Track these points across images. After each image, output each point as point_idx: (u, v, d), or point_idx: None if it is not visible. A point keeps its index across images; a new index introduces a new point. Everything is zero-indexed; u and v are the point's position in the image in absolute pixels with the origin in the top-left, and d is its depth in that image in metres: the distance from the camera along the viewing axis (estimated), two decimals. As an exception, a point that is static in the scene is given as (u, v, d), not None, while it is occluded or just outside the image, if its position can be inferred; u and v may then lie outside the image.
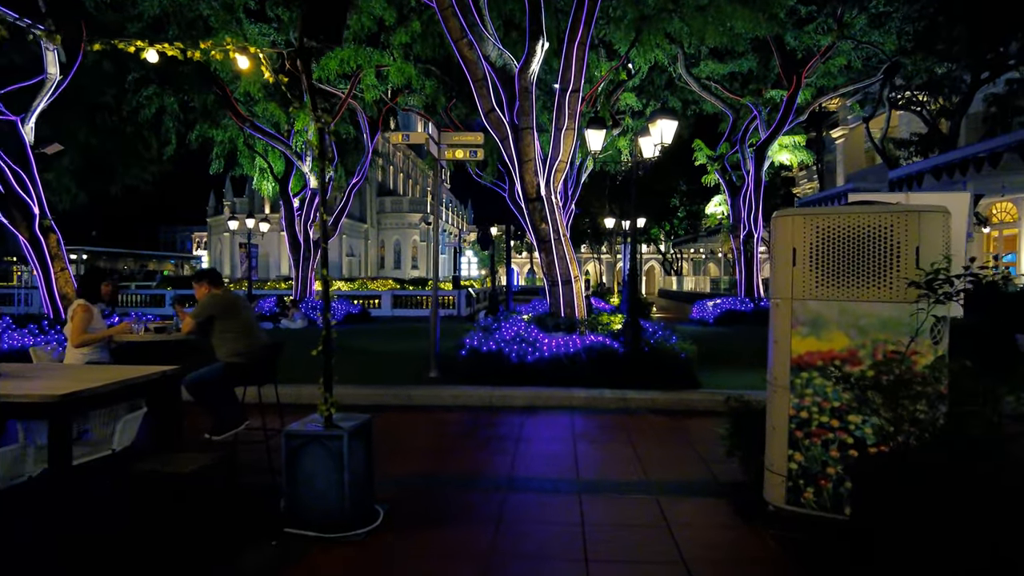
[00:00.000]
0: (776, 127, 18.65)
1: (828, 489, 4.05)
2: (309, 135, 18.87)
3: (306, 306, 19.76)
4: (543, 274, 10.04)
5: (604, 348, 8.60)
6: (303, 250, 20.60)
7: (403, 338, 15.26)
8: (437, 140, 9.05)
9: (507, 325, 9.53)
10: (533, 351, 8.69)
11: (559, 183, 9.76)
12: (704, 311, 19.63)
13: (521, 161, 9.47)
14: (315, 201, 20.53)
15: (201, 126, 21.23)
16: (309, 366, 10.63)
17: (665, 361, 8.56)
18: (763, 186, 19.68)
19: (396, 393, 8.47)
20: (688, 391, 8.43)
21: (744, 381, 9.28)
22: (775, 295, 4.39)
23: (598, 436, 6.91)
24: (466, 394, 8.35)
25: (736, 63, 20.55)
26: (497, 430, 7.08)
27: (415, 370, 9.83)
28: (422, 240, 59.95)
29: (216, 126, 21.14)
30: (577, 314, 9.76)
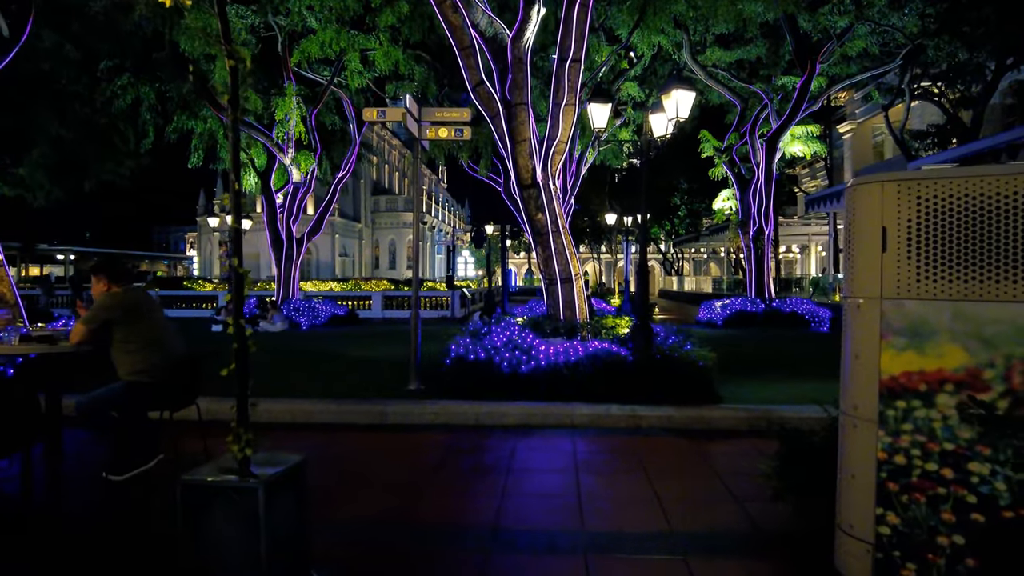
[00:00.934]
0: (788, 116, 17.49)
1: (939, 567, 2.87)
2: (291, 124, 17.69)
3: (288, 308, 18.56)
4: (539, 272, 8.87)
5: (610, 356, 7.42)
6: (286, 248, 19.39)
7: (388, 342, 14.06)
8: (417, 116, 7.87)
9: (498, 330, 8.34)
10: (528, 360, 7.51)
11: (557, 168, 8.59)
12: (712, 312, 18.46)
13: (514, 142, 8.29)
14: (298, 196, 19.35)
15: (179, 117, 20.02)
16: (276, 376, 9.25)
17: (681, 371, 7.38)
18: (774, 179, 18.51)
19: (367, 409, 7.27)
20: (708, 407, 7.25)
21: (770, 394, 8.12)
22: (854, 292, 3.21)
23: (605, 465, 5.72)
24: (449, 410, 7.15)
25: (744, 50, 19.40)
26: (483, 457, 5.89)
27: (394, 380, 8.64)
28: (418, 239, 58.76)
29: (195, 117, 19.93)
30: (578, 316, 8.59)
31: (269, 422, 7.25)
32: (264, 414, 7.35)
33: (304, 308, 18.63)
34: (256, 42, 17.78)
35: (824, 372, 10.69)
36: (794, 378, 9.38)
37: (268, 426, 7.09)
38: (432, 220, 62.60)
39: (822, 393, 8.59)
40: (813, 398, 8.17)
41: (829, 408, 4.13)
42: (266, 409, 7.39)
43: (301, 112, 17.70)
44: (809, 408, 7.24)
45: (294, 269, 19.65)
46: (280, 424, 7.17)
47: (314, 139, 18.34)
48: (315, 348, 13.11)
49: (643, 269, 7.64)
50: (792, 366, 10.77)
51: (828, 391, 8.72)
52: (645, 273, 7.62)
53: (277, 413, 7.35)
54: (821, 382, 9.16)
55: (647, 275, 7.75)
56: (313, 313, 18.67)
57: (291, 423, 7.23)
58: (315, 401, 7.51)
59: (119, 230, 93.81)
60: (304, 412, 7.34)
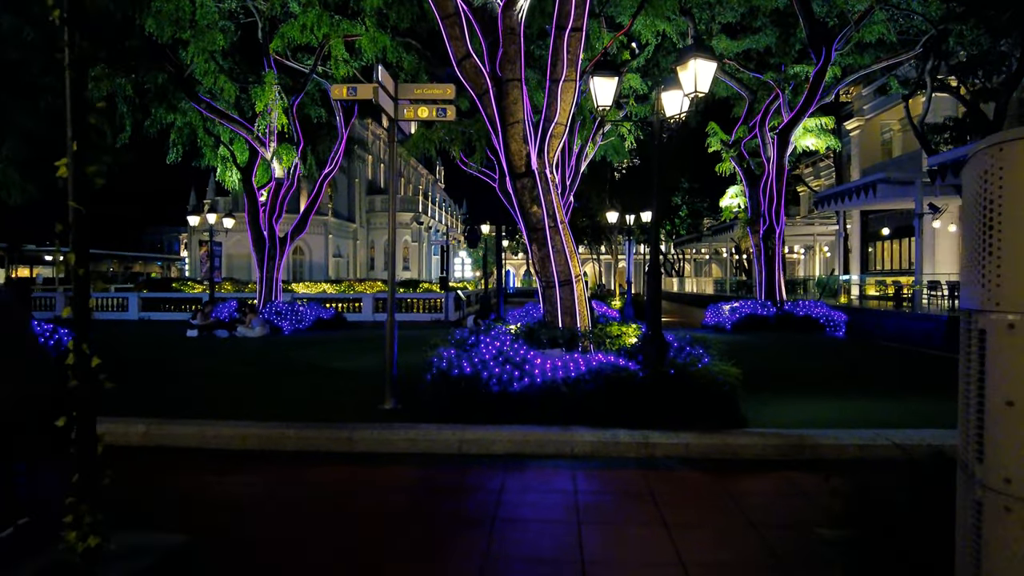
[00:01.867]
0: (802, 107, 16.43)
1: None
2: (273, 116, 16.60)
3: (269, 311, 17.46)
4: (535, 273, 7.80)
5: (617, 372, 6.34)
6: (268, 248, 18.29)
7: (372, 349, 12.94)
8: (393, 94, 6.80)
9: (488, 340, 7.24)
10: (521, 376, 6.43)
11: (555, 154, 7.52)
12: (719, 316, 17.38)
13: (506, 124, 7.23)
14: (280, 192, 18.24)
15: (157, 110, 18.89)
16: (238, 390, 8.02)
17: (699, 389, 6.30)
18: (786, 174, 17.45)
19: (331, 435, 6.18)
20: (732, 432, 6.16)
21: (799, 414, 7.04)
22: (1003, 303, 2.12)
23: (614, 511, 4.65)
24: (427, 437, 6.07)
25: (752, 39, 18.35)
26: (464, 500, 4.81)
27: (370, 396, 7.55)
28: (414, 240, 57.71)
29: (173, 110, 18.80)
30: (579, 324, 7.52)
31: (217, 449, 6.18)
32: (212, 440, 6.28)
33: (287, 312, 17.53)
34: (235, 28, 16.71)
35: (854, 386, 9.40)
36: (823, 394, 8.31)
37: (215, 454, 6.02)
38: (428, 220, 61.49)
39: (858, 413, 7.36)
40: (851, 420, 6.91)
41: (893, 437, 3.05)
42: (214, 434, 6.32)
43: (283, 103, 16.61)
44: (850, 434, 6.16)
45: (277, 270, 18.55)
46: (228, 452, 6.09)
47: (296, 131, 17.24)
48: (291, 357, 12.03)
49: (655, 269, 6.57)
50: (818, 379, 9.69)
51: (865, 411, 7.65)
52: (657, 274, 6.55)
53: (226, 439, 6.27)
54: (854, 399, 8.06)
55: (659, 276, 6.68)
56: (296, 317, 17.58)
57: (242, 450, 6.15)
58: (271, 425, 6.42)
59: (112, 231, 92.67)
60: (258, 438, 6.25)
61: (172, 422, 6.53)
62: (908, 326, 15.77)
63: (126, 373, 10.14)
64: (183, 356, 12.43)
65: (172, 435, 6.38)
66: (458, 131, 16.40)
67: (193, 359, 11.96)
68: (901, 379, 9.94)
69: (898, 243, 30.26)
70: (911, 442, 5.94)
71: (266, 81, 15.40)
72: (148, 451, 6.16)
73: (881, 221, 30.54)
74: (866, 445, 5.91)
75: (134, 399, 7.78)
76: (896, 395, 8.35)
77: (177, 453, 6.10)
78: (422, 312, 24.96)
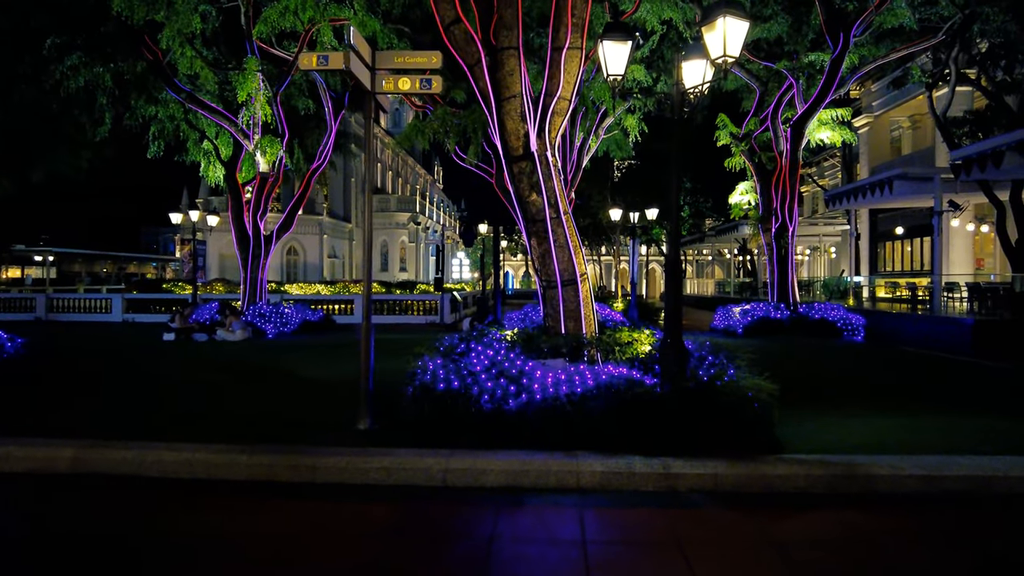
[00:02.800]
0: (817, 97, 15.47)
1: None
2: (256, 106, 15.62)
3: (253, 313, 16.47)
4: (534, 272, 6.82)
5: (631, 387, 5.37)
6: (252, 246, 17.30)
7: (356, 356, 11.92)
8: (369, 62, 5.83)
9: (480, 349, 6.25)
10: (518, 391, 5.45)
11: (557, 134, 6.53)
12: (730, 319, 16.40)
13: (501, 99, 6.26)
14: (265, 188, 17.26)
15: (137, 102, 17.90)
16: (200, 403, 6.83)
17: (727, 408, 5.33)
18: (800, 168, 16.50)
19: (292, 463, 5.20)
20: (767, 459, 5.19)
21: (839, 434, 6.07)
22: None
23: (633, 568, 3.67)
24: (405, 466, 5.09)
25: (764, 27, 17.39)
26: (444, 554, 3.83)
27: (343, 413, 6.56)
28: (411, 241, 56.75)
29: (154, 101, 17.82)
30: (584, 330, 6.54)
31: (157, 478, 5.21)
32: (152, 467, 5.31)
33: (271, 314, 16.54)
34: (216, 14, 15.74)
35: (893, 398, 8.12)
36: (860, 408, 7.33)
37: (153, 485, 5.05)
38: (426, 220, 60.48)
39: (907, 432, 6.15)
40: (900, 441, 5.82)
41: (964, 466, 2.06)
42: (155, 459, 5.34)
43: (267, 93, 15.63)
44: (911, 462, 5.16)
45: (262, 270, 17.56)
46: (169, 482, 5.12)
47: (280, 122, 16.25)
48: (268, 364, 11.04)
49: (675, 267, 5.57)
50: (850, 390, 8.70)
51: (914, 429, 6.14)
52: (678, 272, 5.57)
53: (168, 465, 5.29)
54: (897, 414, 7.03)
55: (680, 275, 5.71)
56: (281, 320, 16.58)
57: (187, 479, 5.19)
58: (221, 449, 5.44)
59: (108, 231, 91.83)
60: (205, 464, 5.27)
61: (107, 445, 5.55)
62: (931, 330, 14.80)
63: (81, 382, 9.17)
64: (151, 362, 11.44)
65: (106, 461, 5.40)
66: (453, 122, 15.44)
67: (162, 366, 10.97)
68: (942, 390, 8.94)
69: (909, 243, 29.33)
70: (988, 472, 4.98)
71: (247, 68, 14.41)
72: (73, 482, 5.18)
73: (892, 220, 29.60)
74: (931, 476, 4.94)
75: (78, 415, 6.83)
76: (945, 410, 7.36)
77: (107, 484, 5.13)
78: (416, 314, 24.00)
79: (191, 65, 14.08)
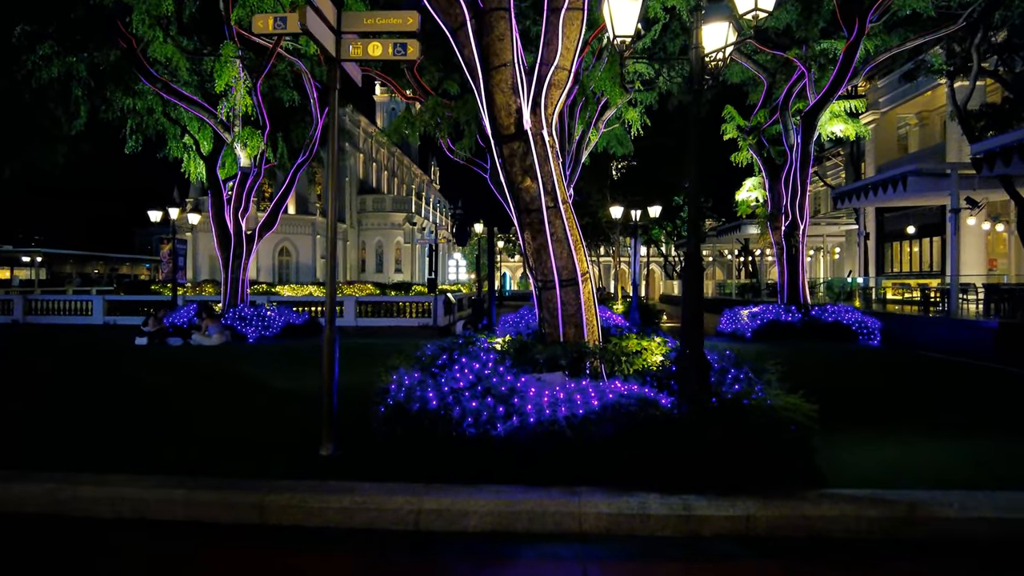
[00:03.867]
0: (831, 87, 14.61)
1: None
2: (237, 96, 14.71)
3: (233, 316, 15.55)
4: (528, 270, 5.92)
5: (643, 408, 4.48)
6: (233, 245, 16.38)
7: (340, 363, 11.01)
8: (334, 23, 4.95)
9: (464, 360, 5.34)
10: (507, 413, 4.56)
11: (555, 111, 5.64)
12: (737, 323, 15.51)
13: (489, 69, 5.37)
14: (247, 184, 16.34)
15: (113, 93, 16.97)
16: (146, 419, 5.69)
17: (758, 433, 4.44)
18: (811, 163, 15.63)
19: (237, 501, 4.30)
20: (807, 495, 4.30)
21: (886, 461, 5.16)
22: None
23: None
24: (369, 505, 4.19)
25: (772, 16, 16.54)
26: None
27: (308, 435, 5.65)
28: (406, 242, 55.80)
29: (131, 93, 16.88)
30: (586, 337, 5.65)
31: (79, 518, 4.31)
32: (68, 504, 4.41)
33: (252, 317, 15.61)
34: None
35: (933, 413, 7.08)
36: (900, 426, 6.42)
37: (68, 527, 4.14)
38: (422, 221, 59.51)
39: (961, 457, 5.18)
40: (957, 469, 4.87)
41: None
42: (71, 496, 4.44)
43: (248, 83, 14.72)
44: (981, 499, 4.25)
45: (243, 270, 16.65)
46: (87, 524, 4.22)
47: (261, 113, 15.32)
48: (240, 373, 10.12)
49: (695, 263, 4.66)
50: (883, 403, 7.78)
51: (970, 453, 4.99)
52: (699, 270, 4.67)
53: (87, 504, 4.40)
54: (946, 434, 5.99)
55: (700, 273, 4.81)
56: (263, 323, 15.66)
57: (110, 520, 4.29)
58: (156, 484, 4.54)
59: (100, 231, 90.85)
60: (132, 503, 4.38)
61: (14, 478, 4.64)
62: (951, 334, 13.94)
63: (19, 392, 8.23)
64: (111, 370, 10.51)
65: (11, 498, 4.49)
66: (444, 114, 14.56)
67: (123, 374, 10.05)
68: (985, 403, 8.04)
69: (918, 243, 28.47)
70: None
71: (223, 54, 13.50)
72: None
73: (899, 220, 28.76)
74: (1011, 519, 4.06)
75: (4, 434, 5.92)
76: (997, 429, 6.46)
77: (10, 526, 4.22)
78: (409, 316, 23.09)
79: (162, 50, 13.15)
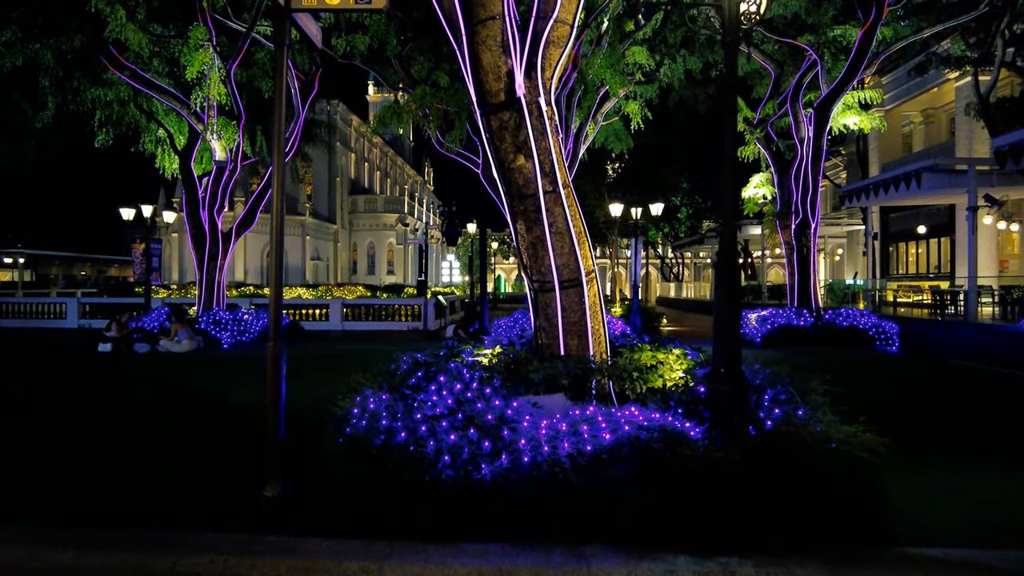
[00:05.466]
0: (845, 75, 13.71)
1: None
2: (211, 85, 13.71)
3: (208, 320, 14.50)
4: (522, 269, 4.93)
5: (670, 443, 3.50)
6: (209, 245, 15.35)
7: (316, 373, 10.00)
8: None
9: (443, 380, 4.32)
10: (495, 449, 3.58)
11: (555, 75, 4.64)
12: (744, 327, 14.55)
13: (473, 22, 4.38)
14: (222, 179, 15.33)
15: (80, 82, 15.92)
16: (84, 444, 4.01)
17: (813, 474, 3.47)
18: (823, 157, 14.72)
19: (143, 565, 3.31)
20: (883, 556, 3.33)
21: (965, 503, 4.16)
22: None
23: None
24: (313, 572, 3.20)
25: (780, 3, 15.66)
26: None
27: (251, 468, 4.63)
28: (399, 243, 54.76)
29: (101, 83, 15.84)
30: (592, 350, 4.67)
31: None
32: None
33: (228, 321, 14.58)
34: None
35: (996, 438, 6.02)
36: (961, 454, 5.44)
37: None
38: (415, 222, 58.45)
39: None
40: None
41: None
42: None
43: (222, 71, 13.70)
44: None
45: (220, 271, 15.61)
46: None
47: (236, 103, 14.30)
48: (201, 384, 9.09)
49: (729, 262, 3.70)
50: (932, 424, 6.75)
51: None
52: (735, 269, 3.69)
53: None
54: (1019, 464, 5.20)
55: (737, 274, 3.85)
56: (239, 327, 14.63)
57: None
58: (41, 540, 3.53)
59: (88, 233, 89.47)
60: (11, 567, 3.37)
61: None
62: (975, 339, 13.02)
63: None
64: (60, 381, 9.47)
65: None
66: (434, 105, 13.61)
67: (73, 385, 9.01)
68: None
69: (924, 244, 27.62)
70: None
71: (192, 37, 12.50)
72: None
73: (906, 219, 27.92)
74: None
75: None
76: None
77: None
78: (398, 320, 22.04)
79: (125, 31, 12.13)
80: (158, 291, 32.31)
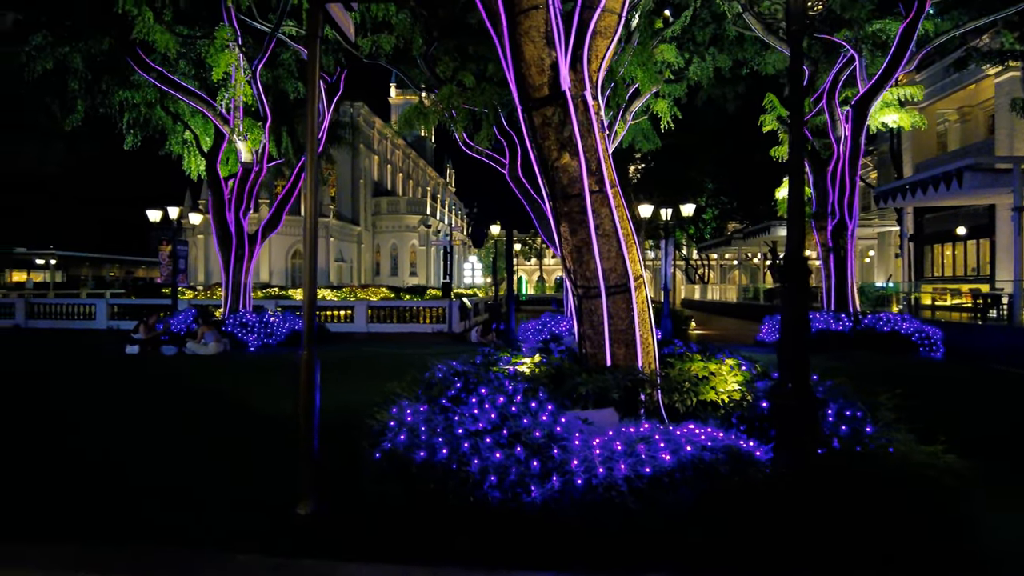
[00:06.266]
0: (885, 71, 13.25)
1: None
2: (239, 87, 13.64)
3: (234, 322, 14.44)
4: (566, 273, 4.66)
5: (736, 464, 3.21)
6: (235, 246, 15.30)
7: (346, 378, 9.81)
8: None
9: (485, 392, 4.06)
10: (544, 469, 3.32)
11: (602, 67, 4.36)
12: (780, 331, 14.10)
13: (515, 12, 4.14)
14: (248, 181, 15.27)
15: (108, 84, 15.98)
16: (104, 454, 3.59)
17: (890, 496, 3.16)
18: (861, 156, 14.25)
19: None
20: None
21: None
22: None
23: None
24: (352, 607, 2.97)
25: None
26: None
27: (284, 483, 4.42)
28: (421, 244, 54.80)
29: (128, 85, 15.89)
30: (640, 360, 4.40)
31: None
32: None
33: (255, 324, 14.50)
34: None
35: None
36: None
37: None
38: (437, 223, 58.45)
39: None
40: None
41: None
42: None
43: (247, 72, 13.63)
44: None
45: (245, 273, 15.55)
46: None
47: (262, 103, 14.23)
48: (229, 390, 8.94)
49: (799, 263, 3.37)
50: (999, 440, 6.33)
51: None
52: (804, 273, 3.37)
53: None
54: None
55: (807, 278, 3.54)
56: (266, 330, 14.54)
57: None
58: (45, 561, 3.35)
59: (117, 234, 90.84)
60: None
61: None
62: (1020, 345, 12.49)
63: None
64: (86, 384, 9.39)
65: None
66: (460, 104, 13.40)
67: (100, 390, 8.93)
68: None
69: (962, 245, 26.81)
70: None
71: (219, 37, 12.43)
72: None
73: (941, 221, 27.13)
74: None
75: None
76: None
77: None
78: (423, 322, 21.89)
79: (152, 32, 12.09)
80: (184, 292, 32.57)
